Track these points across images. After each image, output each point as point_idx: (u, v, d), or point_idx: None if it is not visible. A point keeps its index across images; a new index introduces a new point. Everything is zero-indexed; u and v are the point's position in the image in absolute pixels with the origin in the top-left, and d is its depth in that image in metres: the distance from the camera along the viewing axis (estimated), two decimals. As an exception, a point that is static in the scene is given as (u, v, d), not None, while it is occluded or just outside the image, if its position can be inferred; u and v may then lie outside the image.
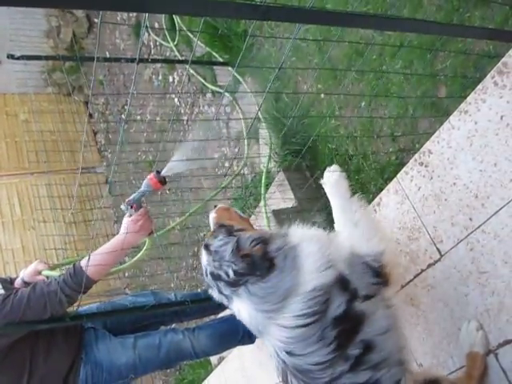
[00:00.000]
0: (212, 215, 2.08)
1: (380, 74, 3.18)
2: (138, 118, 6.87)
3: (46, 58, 6.51)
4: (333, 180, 1.98)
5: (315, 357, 1.61)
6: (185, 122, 5.77)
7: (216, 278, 1.78)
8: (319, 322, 1.61)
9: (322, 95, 3.70)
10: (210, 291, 1.89)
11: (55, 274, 2.70)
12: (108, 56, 7.45)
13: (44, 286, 2.42)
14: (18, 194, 8.04)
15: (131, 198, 2.45)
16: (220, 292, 1.80)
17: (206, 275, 1.85)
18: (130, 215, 2.48)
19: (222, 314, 3.41)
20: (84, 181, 7.37)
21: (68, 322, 2.70)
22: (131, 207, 2.45)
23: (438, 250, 2.29)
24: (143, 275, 6.84)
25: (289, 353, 1.65)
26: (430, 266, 2.33)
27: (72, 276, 2.43)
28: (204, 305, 3.06)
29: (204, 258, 1.87)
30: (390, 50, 3.11)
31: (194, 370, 5.85)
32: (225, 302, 1.83)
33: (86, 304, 3.06)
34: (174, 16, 5.58)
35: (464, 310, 2.18)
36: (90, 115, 8.94)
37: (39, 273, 2.72)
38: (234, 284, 1.73)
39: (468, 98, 2.13)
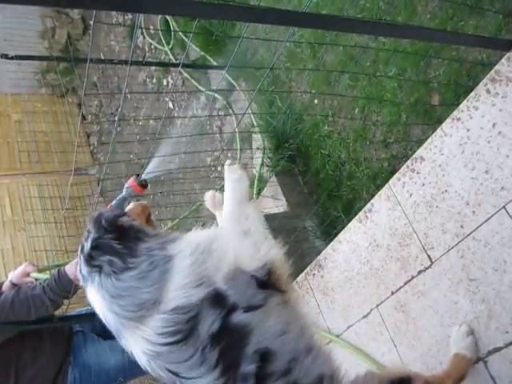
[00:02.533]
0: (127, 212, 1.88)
1: (373, 81, 3.19)
2: (132, 120, 6.87)
3: (40, 58, 6.51)
4: (233, 178, 1.78)
5: (205, 383, 1.40)
6: (178, 126, 5.76)
7: (81, 249, 1.57)
8: (190, 341, 1.41)
9: (316, 100, 3.71)
10: None
11: (44, 276, 2.68)
12: (102, 58, 7.43)
13: (28, 290, 2.41)
14: (8, 195, 7.99)
15: (113, 203, 2.43)
16: (80, 270, 1.56)
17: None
18: None
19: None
20: (76, 182, 7.34)
21: (56, 323, 2.69)
22: None
23: (428, 256, 2.29)
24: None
25: (175, 374, 1.44)
26: (420, 272, 2.33)
27: (56, 280, 2.42)
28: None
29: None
30: (384, 56, 3.12)
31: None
32: (82, 283, 1.58)
33: (76, 307, 3.04)
34: (168, 19, 5.58)
35: (454, 317, 2.18)
36: (84, 117, 8.91)
37: (28, 275, 2.70)
38: (89, 262, 1.52)
39: (461, 106, 2.14)
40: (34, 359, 2.60)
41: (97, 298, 1.50)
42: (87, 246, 1.54)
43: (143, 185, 2.39)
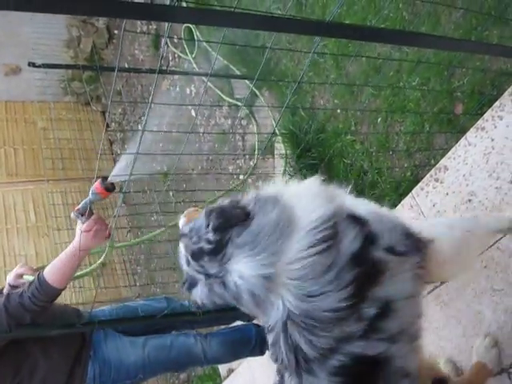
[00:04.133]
0: (182, 219, 1.96)
1: (397, 91, 3.20)
2: (155, 128, 6.93)
3: (67, 66, 6.59)
4: None
5: (328, 300, 1.36)
6: (201, 134, 5.81)
7: (198, 254, 1.55)
8: (333, 252, 1.38)
9: (339, 110, 3.72)
10: (194, 294, 1.62)
11: None
12: (128, 67, 7.52)
13: (17, 298, 2.40)
14: (33, 201, 8.11)
15: (79, 206, 2.43)
16: (208, 275, 1.53)
17: (189, 263, 1.61)
18: (82, 222, 2.43)
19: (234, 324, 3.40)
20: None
21: (79, 328, 2.72)
22: (82, 215, 2.42)
23: (451, 266, 2.28)
24: (155, 285, 6.85)
25: (301, 296, 1.38)
26: (443, 282, 2.33)
27: (38, 288, 2.40)
28: (216, 315, 3.07)
29: (182, 247, 1.66)
30: (408, 66, 3.13)
31: (202, 381, 5.83)
32: (216, 288, 1.53)
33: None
34: (192, 28, 5.64)
35: (477, 328, 2.17)
36: (107, 125, 9.02)
37: (21, 276, 2.68)
38: (217, 248, 1.49)
39: (485, 115, 2.14)
40: (47, 356, 2.61)
41: (240, 260, 1.45)
42: (208, 240, 1.51)
43: (109, 188, 2.36)
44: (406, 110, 3.10)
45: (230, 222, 1.49)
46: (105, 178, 2.36)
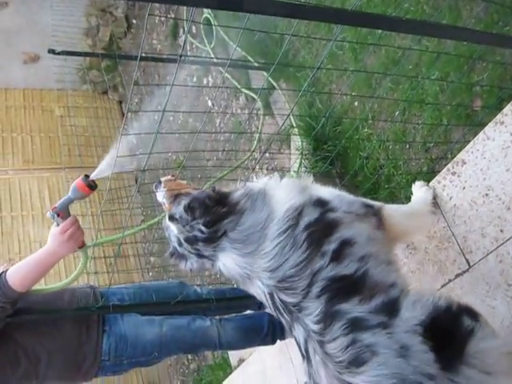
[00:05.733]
0: (160, 192, 2.11)
1: (415, 84, 3.18)
2: (171, 118, 6.95)
3: (86, 54, 6.65)
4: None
5: (291, 260, 1.70)
6: (217, 125, 5.82)
7: (192, 240, 1.87)
8: (291, 233, 1.73)
9: (356, 103, 3.71)
10: (182, 265, 2.00)
11: None
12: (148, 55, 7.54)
13: None
14: (48, 188, 8.17)
15: (57, 204, 2.29)
16: (200, 255, 1.89)
17: (181, 244, 1.92)
18: (58, 224, 2.31)
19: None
20: (113, 177, 7.44)
21: (94, 312, 2.75)
22: (58, 215, 2.28)
23: (466, 260, 2.28)
24: (167, 274, 6.89)
25: (270, 271, 1.73)
26: (457, 276, 2.33)
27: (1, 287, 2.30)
28: (228, 303, 3.09)
29: (173, 228, 1.93)
30: (427, 60, 3.11)
31: (212, 371, 5.87)
32: (207, 265, 1.93)
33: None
34: (211, 18, 5.64)
35: (491, 323, 2.17)
36: (123, 114, 9.08)
37: None
38: (212, 238, 1.83)
39: (504, 109, 2.13)
40: (45, 337, 2.60)
41: (230, 254, 1.82)
42: (200, 230, 1.85)
43: (91, 186, 2.26)
44: (424, 104, 3.09)
45: (222, 214, 1.82)
46: (87, 176, 2.26)
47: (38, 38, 8.06)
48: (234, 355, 5.00)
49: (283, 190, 1.87)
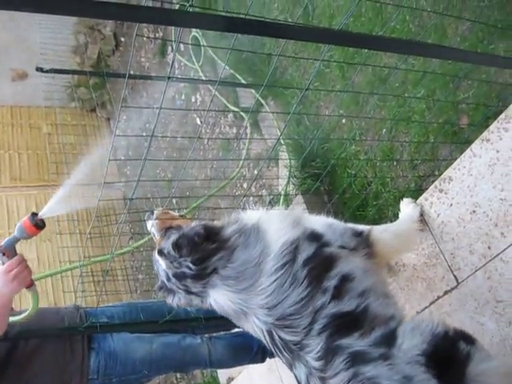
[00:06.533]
0: (150, 223, 2.12)
1: (402, 102, 3.21)
2: (159, 135, 6.95)
3: (74, 72, 6.65)
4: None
5: (292, 298, 1.69)
6: (205, 142, 5.83)
7: (180, 277, 1.86)
8: (289, 269, 1.72)
9: (344, 120, 3.74)
10: (169, 300, 1.97)
11: None
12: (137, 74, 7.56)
13: None
14: (36, 205, 8.11)
15: (2, 243, 2.18)
16: (189, 292, 1.87)
17: (169, 279, 1.91)
18: (3, 263, 2.18)
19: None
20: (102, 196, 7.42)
21: (83, 331, 2.72)
22: (3, 254, 2.16)
23: (455, 277, 2.29)
24: (155, 293, 6.83)
25: (268, 308, 1.72)
26: (446, 293, 2.33)
27: None
28: (217, 322, 3.07)
29: (162, 263, 1.92)
30: (414, 78, 3.14)
31: (202, 389, 5.81)
32: (195, 301, 1.91)
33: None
34: (199, 37, 5.68)
35: (480, 339, 2.16)
36: (111, 131, 9.07)
37: None
38: (201, 275, 1.82)
39: (490, 127, 2.15)
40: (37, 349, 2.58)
41: (222, 291, 1.80)
42: (188, 267, 1.83)
43: (39, 225, 2.14)
44: (411, 121, 3.11)
45: (208, 252, 1.81)
46: (35, 214, 2.15)
47: (26, 55, 8.06)
48: (223, 374, 4.96)
49: (276, 224, 1.86)
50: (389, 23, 3.34)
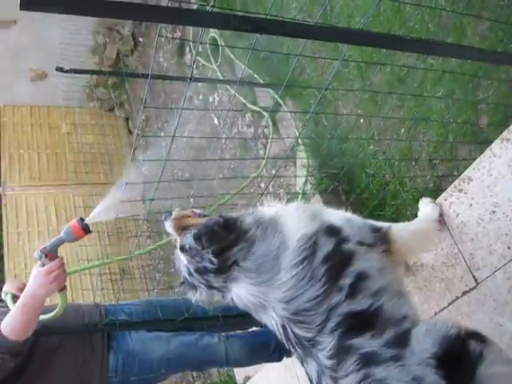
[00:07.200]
0: (168, 223, 2.09)
1: (421, 102, 3.20)
2: (177, 135, 6.97)
3: (93, 72, 6.69)
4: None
5: (308, 294, 1.70)
6: (223, 142, 5.84)
7: (202, 271, 1.86)
8: (309, 265, 1.72)
9: (362, 120, 3.73)
10: (190, 295, 1.98)
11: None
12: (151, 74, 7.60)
13: None
14: (54, 205, 8.18)
15: (47, 245, 2.18)
16: (210, 286, 1.88)
17: (191, 274, 1.92)
18: (43, 264, 2.18)
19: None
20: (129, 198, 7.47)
21: (102, 329, 2.74)
22: (46, 256, 2.17)
23: (474, 277, 2.28)
24: (173, 291, 6.87)
25: (285, 302, 1.72)
26: (465, 293, 2.32)
27: None
28: (235, 320, 3.08)
29: (183, 259, 1.93)
30: (432, 78, 3.13)
31: (218, 388, 5.82)
32: (216, 297, 1.91)
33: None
34: (217, 37, 5.70)
35: (498, 340, 2.15)
36: (130, 131, 9.12)
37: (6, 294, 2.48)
38: (222, 268, 1.82)
39: (510, 127, 2.14)
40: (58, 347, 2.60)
41: (243, 284, 1.80)
42: (210, 260, 1.83)
43: (87, 229, 2.16)
44: (429, 121, 3.10)
45: (230, 242, 1.81)
46: (82, 219, 2.16)
47: (45, 56, 8.12)
48: (239, 372, 4.96)
49: (294, 217, 1.87)
50: (407, 23, 3.33)
